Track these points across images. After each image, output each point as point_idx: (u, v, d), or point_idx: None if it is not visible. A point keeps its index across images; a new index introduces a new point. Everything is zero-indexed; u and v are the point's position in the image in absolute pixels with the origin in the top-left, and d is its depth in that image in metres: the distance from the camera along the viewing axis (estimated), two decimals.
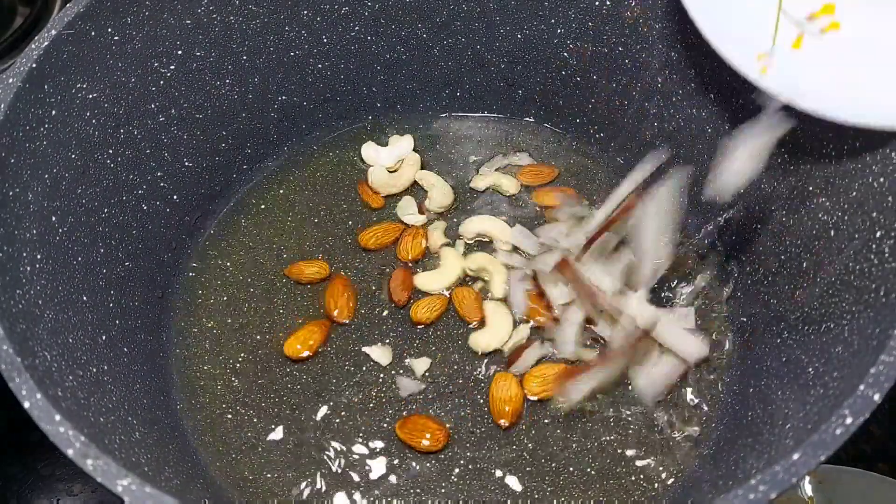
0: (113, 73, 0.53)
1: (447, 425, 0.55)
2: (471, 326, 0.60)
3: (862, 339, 0.41)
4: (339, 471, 0.54)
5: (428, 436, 0.54)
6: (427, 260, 0.63)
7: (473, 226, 0.64)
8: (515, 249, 0.63)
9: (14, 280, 0.43)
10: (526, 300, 0.60)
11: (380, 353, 0.58)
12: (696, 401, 0.56)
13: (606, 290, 0.58)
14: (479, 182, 0.67)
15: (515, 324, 0.59)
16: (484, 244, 0.64)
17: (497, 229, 0.64)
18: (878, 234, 0.43)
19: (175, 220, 0.62)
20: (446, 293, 0.61)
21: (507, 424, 0.55)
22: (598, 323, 0.58)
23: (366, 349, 0.59)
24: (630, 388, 0.56)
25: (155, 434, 0.50)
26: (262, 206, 0.67)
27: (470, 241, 0.64)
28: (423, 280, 0.62)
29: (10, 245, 0.44)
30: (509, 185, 0.67)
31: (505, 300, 0.61)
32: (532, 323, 0.59)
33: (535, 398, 0.56)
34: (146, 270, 0.59)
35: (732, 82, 0.55)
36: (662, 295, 0.60)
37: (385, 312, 0.61)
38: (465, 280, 0.62)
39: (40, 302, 0.45)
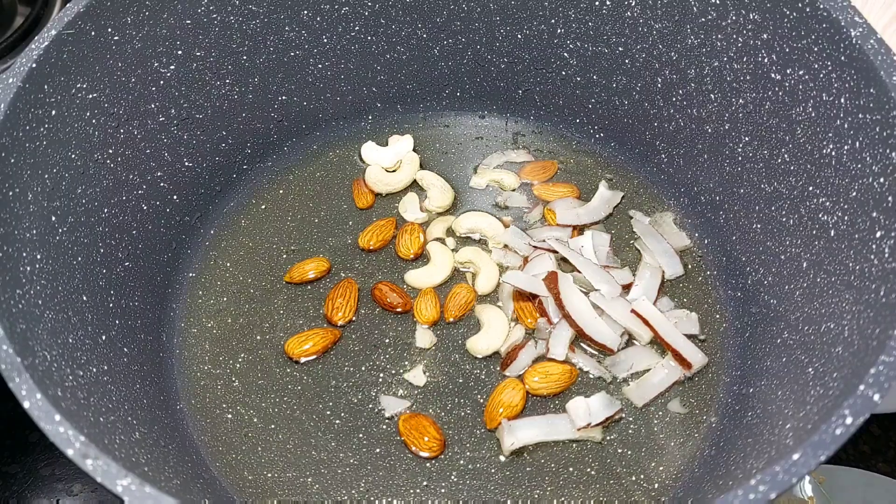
0: (113, 73, 0.53)
1: (447, 429, 0.56)
2: (448, 322, 0.60)
3: (862, 339, 0.41)
4: (340, 471, 0.54)
5: (426, 439, 0.54)
6: (424, 260, 0.63)
7: (465, 221, 0.64)
8: (508, 248, 0.63)
9: (14, 280, 0.43)
10: (511, 301, 0.60)
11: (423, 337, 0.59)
12: (696, 401, 0.56)
13: (606, 294, 0.58)
14: (479, 180, 0.67)
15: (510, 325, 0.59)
16: (480, 242, 0.64)
17: (488, 225, 0.64)
18: (878, 234, 0.43)
19: (175, 220, 0.62)
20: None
21: (492, 427, 0.55)
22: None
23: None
24: (623, 392, 0.57)
25: (155, 434, 0.50)
26: (262, 206, 0.67)
27: (462, 237, 0.64)
28: (414, 277, 0.62)
29: (10, 245, 0.44)
30: (510, 181, 0.67)
31: (493, 299, 0.61)
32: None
33: (536, 394, 0.56)
34: (146, 270, 0.59)
35: (733, 82, 0.55)
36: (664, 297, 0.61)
37: (385, 312, 0.61)
38: (457, 275, 0.63)
39: (40, 302, 0.45)
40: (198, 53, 0.59)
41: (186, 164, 0.62)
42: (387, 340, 0.59)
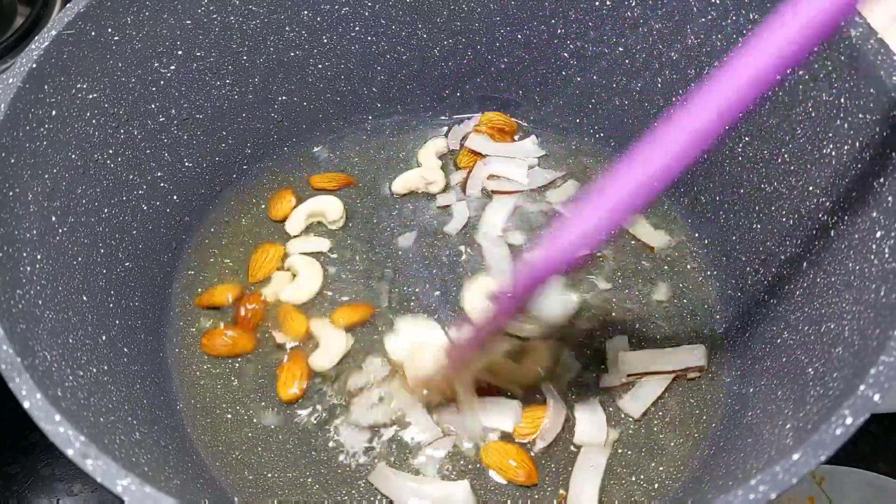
0: (113, 73, 0.53)
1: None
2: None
3: (862, 339, 0.41)
4: (340, 471, 0.54)
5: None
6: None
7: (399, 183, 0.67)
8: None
9: (14, 280, 0.43)
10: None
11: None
12: (696, 401, 0.56)
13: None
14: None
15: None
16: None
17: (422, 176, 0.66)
18: (878, 234, 0.43)
19: (175, 220, 0.62)
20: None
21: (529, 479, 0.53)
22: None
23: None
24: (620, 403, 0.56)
25: (155, 434, 0.50)
26: (262, 206, 0.67)
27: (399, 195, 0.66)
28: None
29: (10, 245, 0.44)
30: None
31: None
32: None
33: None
34: (146, 270, 0.59)
35: None
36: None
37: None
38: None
39: (40, 302, 0.45)
40: (198, 53, 0.59)
41: (186, 164, 0.62)
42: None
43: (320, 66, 0.66)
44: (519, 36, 0.64)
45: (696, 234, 0.63)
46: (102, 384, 0.47)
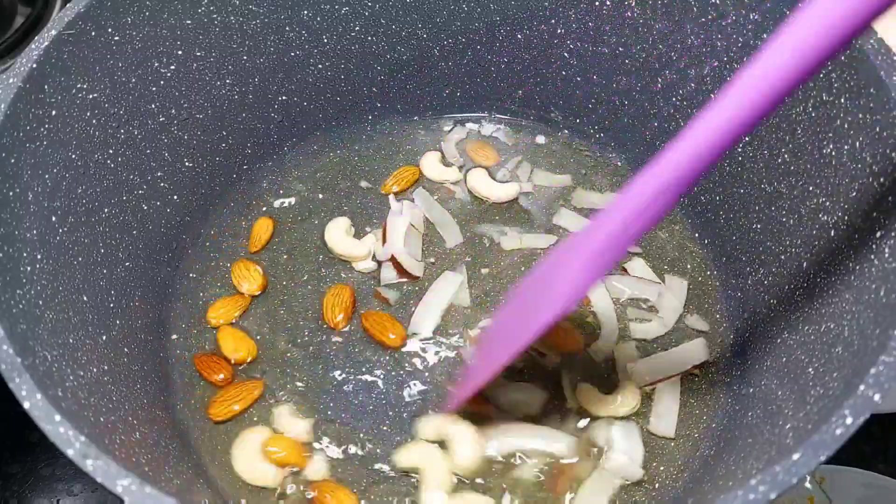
0: (113, 73, 0.53)
1: None
2: None
3: (862, 339, 0.41)
4: (340, 470, 0.54)
5: None
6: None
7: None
8: None
9: (14, 280, 0.43)
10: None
11: None
12: (696, 401, 0.56)
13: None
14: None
15: None
16: None
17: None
18: (878, 234, 0.43)
19: (175, 220, 0.62)
20: None
21: None
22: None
23: None
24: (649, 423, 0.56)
25: (155, 434, 0.50)
26: (262, 207, 0.67)
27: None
28: None
29: (11, 245, 0.44)
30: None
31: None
32: None
33: None
34: (146, 270, 0.59)
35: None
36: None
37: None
38: None
39: (41, 302, 0.45)
40: (198, 53, 0.59)
41: (186, 164, 0.62)
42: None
43: (320, 66, 0.66)
44: (519, 36, 0.64)
45: (696, 234, 0.63)
46: (102, 384, 0.47)
